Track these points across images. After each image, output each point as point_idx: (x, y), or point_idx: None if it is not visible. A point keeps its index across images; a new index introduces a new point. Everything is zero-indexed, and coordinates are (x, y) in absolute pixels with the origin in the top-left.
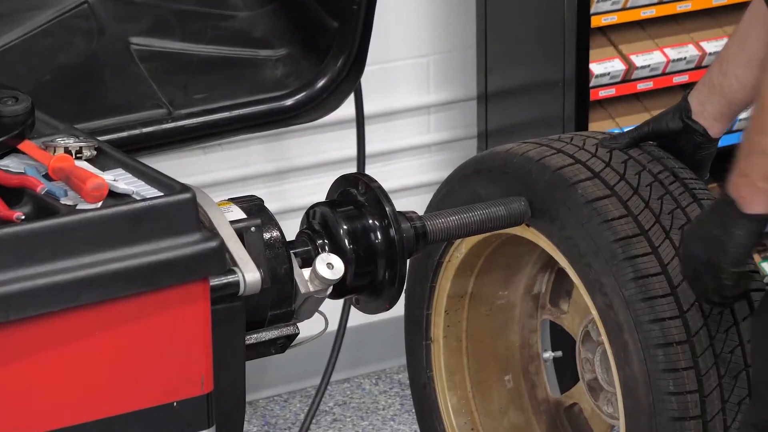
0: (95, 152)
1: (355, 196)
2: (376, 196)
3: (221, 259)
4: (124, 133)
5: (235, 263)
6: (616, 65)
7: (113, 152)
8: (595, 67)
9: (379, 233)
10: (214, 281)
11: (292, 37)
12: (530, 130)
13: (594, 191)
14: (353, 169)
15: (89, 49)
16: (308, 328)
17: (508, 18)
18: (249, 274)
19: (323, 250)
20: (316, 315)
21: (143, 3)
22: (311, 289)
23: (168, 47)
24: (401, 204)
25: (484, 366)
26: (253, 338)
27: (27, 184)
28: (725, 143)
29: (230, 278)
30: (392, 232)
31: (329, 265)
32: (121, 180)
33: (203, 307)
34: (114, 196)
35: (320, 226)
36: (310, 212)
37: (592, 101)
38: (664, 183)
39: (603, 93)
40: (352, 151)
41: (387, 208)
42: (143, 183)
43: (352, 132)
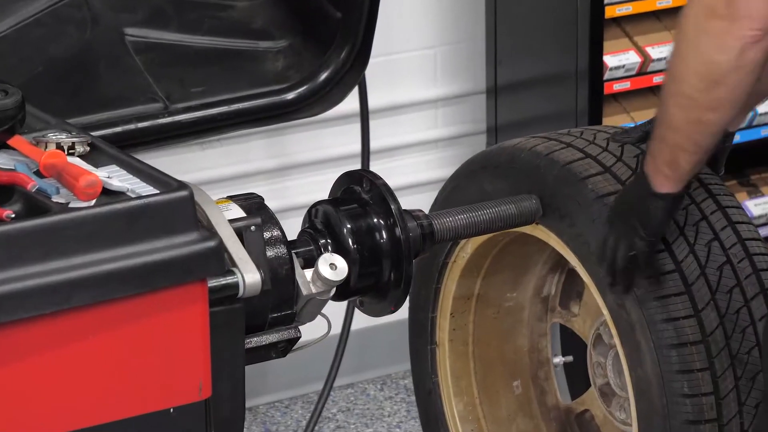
0: (88, 148)
1: (359, 193)
2: (381, 194)
3: (220, 260)
4: (119, 128)
5: (234, 264)
6: (631, 57)
7: (107, 148)
8: (609, 60)
9: (384, 232)
10: (213, 282)
11: (293, 28)
12: (541, 125)
13: (605, 186)
14: (357, 166)
15: (82, 41)
16: (310, 331)
17: (518, 8)
18: (249, 275)
19: (326, 250)
20: (319, 318)
21: None
22: (313, 290)
23: (164, 38)
24: (407, 202)
25: (491, 371)
26: (253, 342)
27: (17, 181)
28: (745, 139)
29: (229, 279)
30: (398, 231)
31: (332, 266)
32: (115, 177)
33: (201, 310)
34: (108, 194)
35: (323, 225)
36: (313, 211)
37: (606, 95)
38: None
39: (617, 86)
40: (356, 146)
41: (392, 207)
42: (138, 180)
43: (356, 127)
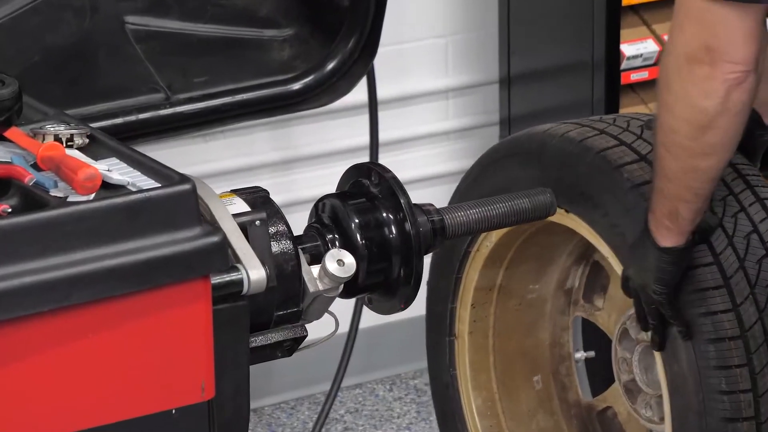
0: (87, 140)
1: (368, 187)
2: (391, 188)
3: (223, 256)
4: (119, 120)
5: (238, 260)
6: (649, 46)
7: (107, 140)
8: (627, 48)
9: (393, 227)
10: (216, 279)
11: (299, 16)
12: (556, 116)
13: (641, 175)
14: (365, 159)
15: (81, 29)
16: (317, 329)
17: None
18: (253, 271)
19: (333, 245)
20: (326, 316)
21: None
22: (320, 287)
23: (166, 26)
24: (417, 196)
25: (511, 365)
26: (257, 341)
27: (14, 175)
28: None
29: (233, 276)
30: (408, 226)
31: (340, 262)
32: (115, 170)
33: (204, 307)
34: (108, 188)
35: (330, 219)
36: (319, 205)
37: (623, 85)
38: None
39: (635, 76)
40: (365, 139)
41: (402, 201)
42: (139, 173)
43: (365, 118)
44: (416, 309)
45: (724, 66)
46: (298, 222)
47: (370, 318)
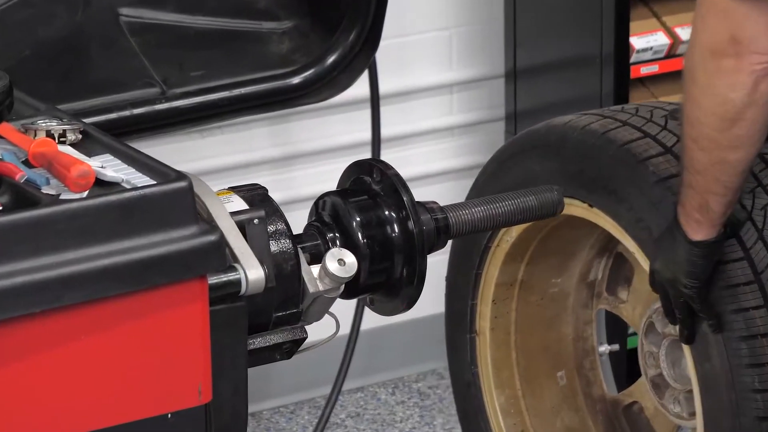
0: (80, 136)
1: (370, 184)
2: (393, 185)
3: (221, 255)
4: (113, 115)
5: (236, 259)
6: (660, 39)
7: (100, 136)
8: (636, 41)
9: (396, 226)
10: (213, 279)
11: (299, 8)
12: (563, 112)
13: (667, 168)
14: (367, 155)
15: (74, 21)
16: (317, 331)
17: None
18: (251, 271)
19: (334, 244)
20: (326, 317)
21: None
22: (321, 288)
23: (161, 19)
24: (421, 193)
25: (534, 361)
26: (256, 342)
27: (4, 172)
28: None
29: (231, 276)
30: (411, 224)
31: (341, 262)
32: (109, 167)
33: (201, 308)
34: (101, 185)
35: (330, 218)
36: (320, 203)
37: (632, 79)
38: None
39: (645, 70)
40: (366, 134)
41: (405, 198)
42: (134, 170)
43: (366, 113)
44: (419, 310)
45: (750, 57)
46: (298, 220)
47: (371, 319)
